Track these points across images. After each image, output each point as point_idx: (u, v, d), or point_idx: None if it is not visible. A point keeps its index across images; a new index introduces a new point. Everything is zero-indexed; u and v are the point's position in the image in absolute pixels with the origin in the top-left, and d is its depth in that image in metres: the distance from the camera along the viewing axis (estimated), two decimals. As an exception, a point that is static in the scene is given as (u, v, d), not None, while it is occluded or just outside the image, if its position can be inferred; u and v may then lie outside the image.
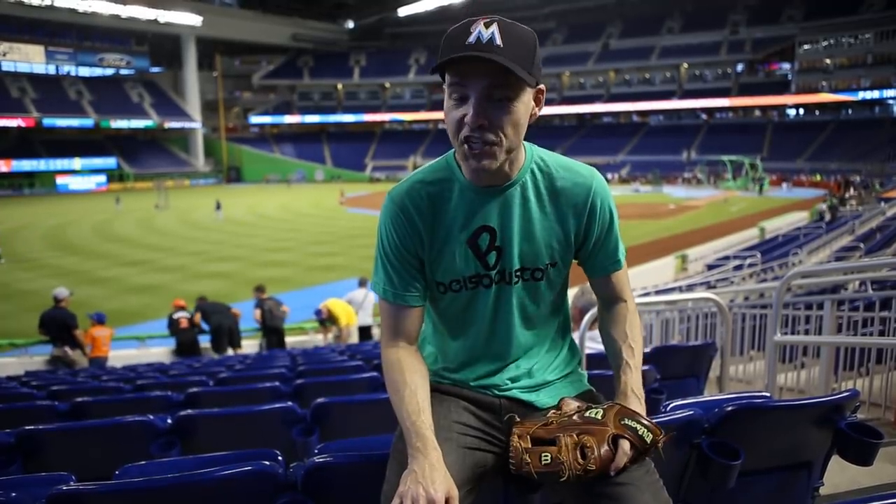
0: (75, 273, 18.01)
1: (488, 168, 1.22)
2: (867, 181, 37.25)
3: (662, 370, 2.83)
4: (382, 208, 1.34)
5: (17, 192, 50.65)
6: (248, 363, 6.22)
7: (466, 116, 1.19)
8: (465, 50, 1.15)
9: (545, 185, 1.34)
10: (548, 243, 1.35)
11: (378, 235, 1.34)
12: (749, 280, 11.85)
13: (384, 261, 1.34)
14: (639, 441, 1.17)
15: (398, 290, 1.33)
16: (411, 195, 1.32)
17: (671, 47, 62.49)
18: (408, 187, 1.33)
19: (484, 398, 1.39)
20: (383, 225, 1.33)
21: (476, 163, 1.21)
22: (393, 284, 1.34)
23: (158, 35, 61.94)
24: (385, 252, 1.33)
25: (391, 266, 1.33)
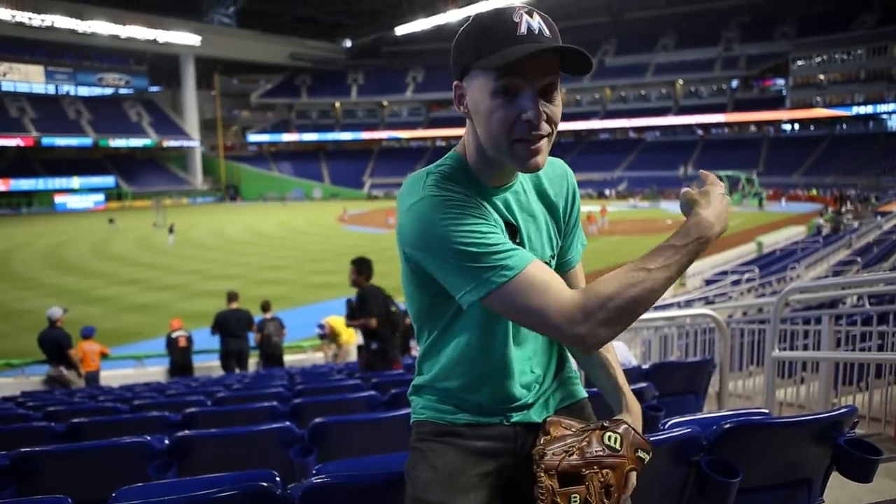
0: (73, 292, 17.97)
1: (541, 165, 1.14)
2: (863, 195, 37.44)
3: (661, 387, 2.83)
4: (419, 210, 1.12)
5: (15, 212, 50.69)
6: (246, 382, 6.19)
7: (524, 114, 1.08)
8: (526, 41, 1.07)
9: (531, 178, 1.31)
10: (548, 235, 1.32)
11: (443, 238, 1.09)
12: (747, 295, 11.86)
13: (471, 247, 1.08)
14: (641, 468, 1.17)
15: (511, 254, 1.09)
16: (445, 191, 1.14)
17: (666, 64, 63.07)
18: (435, 179, 1.17)
19: (498, 431, 1.31)
20: (442, 215, 1.10)
21: (533, 161, 1.12)
22: (498, 257, 1.09)
23: (157, 55, 62.41)
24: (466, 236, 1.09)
25: (481, 244, 1.09)
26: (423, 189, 1.14)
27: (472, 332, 1.26)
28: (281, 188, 63.30)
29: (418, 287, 1.25)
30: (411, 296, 1.29)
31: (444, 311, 1.26)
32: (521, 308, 1.08)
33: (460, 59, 1.14)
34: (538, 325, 1.11)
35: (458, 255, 1.09)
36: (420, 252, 1.14)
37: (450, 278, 1.12)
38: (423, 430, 1.34)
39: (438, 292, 1.19)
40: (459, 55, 1.14)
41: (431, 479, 1.25)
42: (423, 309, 1.30)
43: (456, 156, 1.24)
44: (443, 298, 1.20)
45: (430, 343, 1.33)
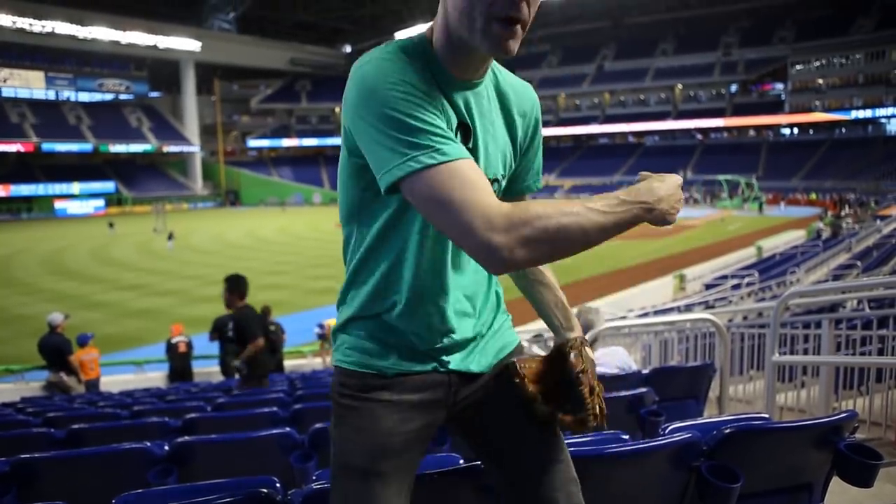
0: (73, 297, 17.96)
1: (514, 51, 1.03)
2: (862, 199, 37.47)
3: (661, 391, 2.83)
4: (366, 71, 1.02)
5: (15, 217, 50.71)
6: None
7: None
8: None
9: (494, 84, 1.20)
10: (503, 152, 1.20)
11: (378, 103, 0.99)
12: (748, 299, 11.86)
13: (409, 119, 0.98)
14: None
15: (448, 143, 0.98)
16: (397, 62, 1.03)
17: (665, 69, 63.22)
18: (393, 48, 1.07)
19: (431, 379, 1.21)
20: (385, 80, 1.00)
21: (508, 44, 1.01)
22: (436, 140, 0.97)
23: (158, 60, 62.57)
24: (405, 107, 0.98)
25: (421, 120, 0.98)
26: (376, 53, 1.06)
27: (409, 242, 1.13)
28: (281, 193, 63.36)
29: (352, 175, 1.12)
30: (344, 187, 1.16)
31: (376, 212, 1.13)
32: (440, 198, 0.94)
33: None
34: (452, 223, 0.94)
35: (392, 123, 0.97)
36: (355, 119, 1.02)
37: (377, 152, 1.00)
38: (347, 382, 1.20)
39: (371, 184, 1.07)
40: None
41: (357, 442, 1.17)
42: (353, 205, 1.16)
43: (421, 36, 1.11)
44: (375, 194, 1.08)
45: (358, 259, 1.18)
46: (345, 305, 1.24)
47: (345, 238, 1.22)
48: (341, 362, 1.22)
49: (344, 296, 1.24)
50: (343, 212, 1.20)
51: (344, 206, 1.19)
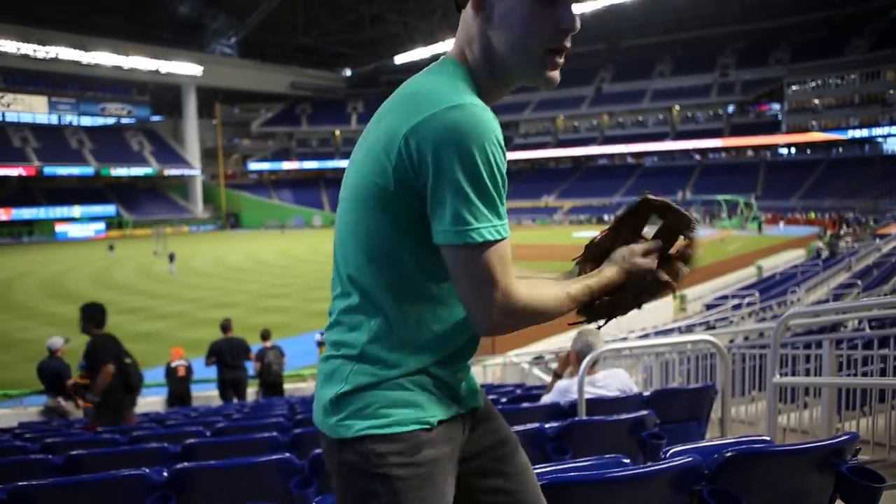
0: (73, 321, 17.78)
1: (557, 83, 1.11)
2: (861, 218, 37.56)
3: (663, 414, 2.81)
4: (469, 121, 0.96)
5: (16, 241, 50.80)
6: (246, 412, 6.15)
7: (562, 24, 1.05)
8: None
9: None
10: None
11: (473, 162, 0.95)
12: (748, 319, 11.83)
13: (492, 189, 0.97)
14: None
15: (505, 219, 1.02)
16: (487, 111, 1.01)
17: (663, 90, 63.80)
18: (465, 88, 1.05)
19: (456, 425, 1.16)
20: (487, 141, 0.96)
21: (556, 74, 1.09)
22: (501, 215, 1.00)
23: (159, 85, 63.22)
24: (495, 172, 0.97)
25: (499, 191, 0.99)
26: (461, 95, 1.00)
27: (445, 276, 1.07)
28: (281, 216, 63.55)
29: (390, 206, 1.03)
30: (371, 218, 1.05)
31: (412, 247, 1.06)
32: (479, 275, 0.99)
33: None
34: (478, 298, 1.00)
35: (476, 186, 0.96)
36: (435, 164, 0.96)
37: (450, 206, 0.96)
38: (393, 449, 1.05)
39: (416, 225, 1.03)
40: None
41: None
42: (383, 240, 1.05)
43: (459, 66, 1.10)
44: (414, 233, 1.04)
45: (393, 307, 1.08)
46: (370, 362, 1.08)
47: (359, 280, 1.09)
48: (379, 427, 1.06)
49: (372, 345, 1.09)
50: (366, 249, 1.07)
51: (362, 242, 1.07)
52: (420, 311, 1.08)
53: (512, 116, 69.83)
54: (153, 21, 62.42)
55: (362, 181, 1.05)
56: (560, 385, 3.53)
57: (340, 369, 1.10)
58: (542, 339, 13.54)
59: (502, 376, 11.15)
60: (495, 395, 4.85)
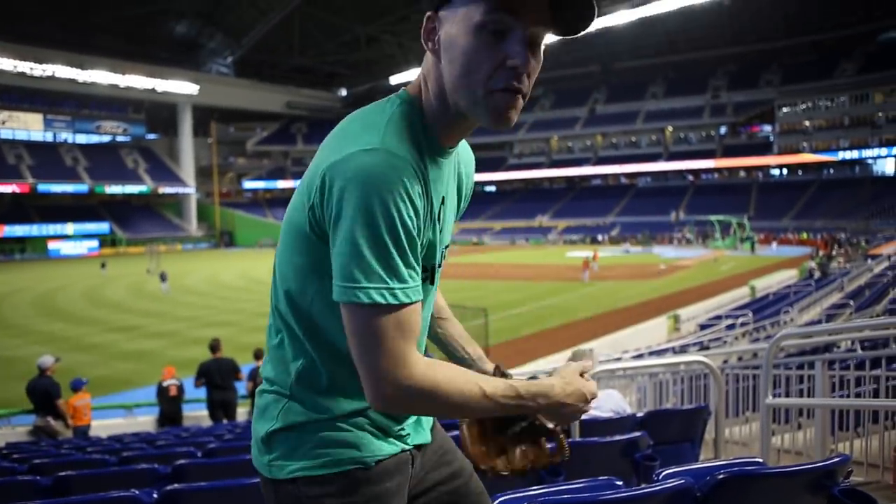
0: (64, 339, 17.77)
1: (512, 124, 1.00)
2: (853, 238, 37.83)
3: (656, 435, 2.81)
4: (378, 169, 0.89)
5: (8, 258, 50.52)
6: (238, 432, 6.10)
7: (509, 59, 0.93)
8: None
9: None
10: (454, 215, 1.16)
11: (371, 213, 0.88)
12: (742, 339, 11.85)
13: (391, 245, 0.90)
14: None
15: (409, 283, 0.92)
16: (405, 147, 0.95)
17: (656, 111, 64.50)
18: (397, 128, 0.97)
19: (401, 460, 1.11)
20: (393, 192, 0.89)
21: (508, 116, 0.97)
22: (401, 277, 0.91)
23: (155, 103, 63.45)
24: (398, 228, 0.90)
25: (401, 250, 0.91)
26: (384, 137, 0.93)
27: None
28: (276, 234, 62.51)
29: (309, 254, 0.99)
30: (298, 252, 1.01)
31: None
32: (372, 336, 0.91)
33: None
34: (361, 363, 0.93)
35: (371, 241, 0.89)
36: (338, 210, 0.90)
37: (342, 257, 0.90)
38: (325, 491, 1.02)
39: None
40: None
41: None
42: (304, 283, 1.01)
43: (411, 100, 1.03)
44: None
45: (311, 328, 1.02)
46: (300, 402, 1.04)
47: (285, 317, 1.04)
48: (311, 469, 1.02)
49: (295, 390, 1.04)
50: (289, 287, 1.03)
51: (288, 282, 1.03)
52: (348, 359, 0.98)
53: (506, 137, 70.32)
54: (150, 40, 62.88)
55: (289, 214, 1.02)
56: (554, 406, 3.53)
57: (272, 406, 1.06)
58: (535, 360, 13.52)
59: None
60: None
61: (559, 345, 13.86)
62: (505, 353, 14.07)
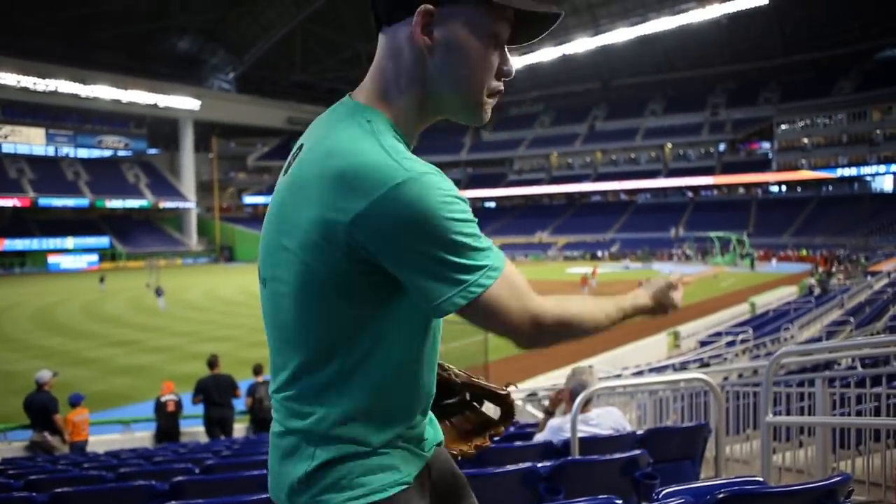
0: (62, 354, 17.71)
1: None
2: (853, 255, 37.85)
3: (656, 453, 2.80)
4: (423, 194, 0.88)
5: (7, 272, 50.47)
6: (236, 449, 6.06)
7: (505, 67, 1.01)
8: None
9: None
10: None
11: (437, 224, 0.89)
12: (742, 356, 11.82)
13: (467, 239, 0.92)
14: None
15: (493, 249, 0.97)
16: (411, 157, 0.96)
17: (655, 128, 64.85)
18: (393, 144, 0.95)
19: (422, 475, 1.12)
20: (445, 201, 0.90)
21: (487, 120, 1.04)
22: (488, 252, 0.95)
23: (157, 118, 63.80)
24: (465, 223, 0.92)
25: (474, 235, 0.93)
26: (400, 162, 0.90)
27: (416, 340, 1.04)
28: (275, 249, 63.48)
29: (351, 295, 0.96)
30: (323, 308, 0.96)
31: (379, 322, 0.99)
32: (498, 311, 0.94)
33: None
34: (506, 329, 0.97)
35: (455, 249, 0.90)
36: (398, 245, 0.90)
37: (427, 281, 0.91)
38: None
39: (383, 301, 0.97)
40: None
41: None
42: (346, 324, 0.97)
43: (376, 113, 1.00)
44: (380, 308, 0.97)
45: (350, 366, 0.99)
46: (338, 439, 1.01)
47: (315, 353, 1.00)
48: (357, 498, 1.00)
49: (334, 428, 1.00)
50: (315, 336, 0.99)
51: (322, 327, 0.98)
52: (387, 383, 1.01)
53: (506, 153, 70.65)
54: (153, 56, 63.38)
55: (303, 267, 0.95)
56: (553, 423, 3.52)
57: (304, 446, 1.02)
58: (535, 376, 13.46)
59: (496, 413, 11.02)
60: (488, 433, 4.79)
61: (559, 361, 13.81)
62: (504, 370, 14.01)
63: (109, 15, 54.77)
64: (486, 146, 72.38)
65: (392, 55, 1.00)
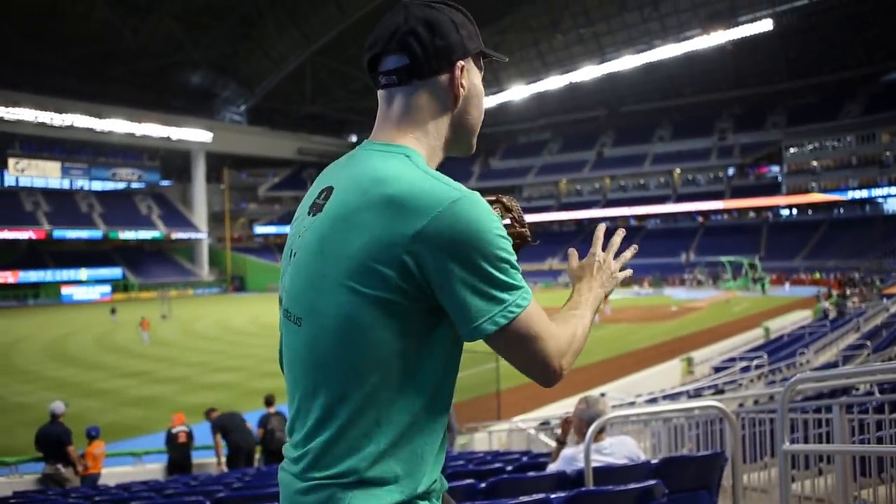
0: (73, 385, 17.76)
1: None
2: (867, 278, 37.45)
3: (672, 483, 2.76)
4: (476, 211, 0.94)
5: (21, 303, 50.90)
6: (247, 480, 6.02)
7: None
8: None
9: None
10: None
11: (494, 244, 0.94)
12: (757, 382, 11.66)
13: (506, 264, 0.96)
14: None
15: (524, 280, 1.02)
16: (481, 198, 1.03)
17: (663, 154, 65.00)
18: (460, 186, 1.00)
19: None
20: (495, 222, 0.96)
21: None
22: (521, 279, 1.00)
23: (170, 150, 64.75)
24: (507, 247, 0.97)
25: (513, 260, 0.99)
26: (450, 185, 0.97)
27: (447, 376, 1.05)
28: (286, 278, 63.68)
29: (396, 322, 0.96)
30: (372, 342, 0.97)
31: (416, 354, 0.99)
32: (531, 336, 0.98)
33: (471, 40, 1.10)
34: (536, 357, 1.00)
35: (500, 267, 0.95)
36: (453, 261, 0.93)
37: (470, 299, 0.94)
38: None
39: (424, 333, 0.99)
40: (469, 36, 1.10)
41: None
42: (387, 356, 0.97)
43: (407, 148, 1.06)
44: (419, 340, 0.99)
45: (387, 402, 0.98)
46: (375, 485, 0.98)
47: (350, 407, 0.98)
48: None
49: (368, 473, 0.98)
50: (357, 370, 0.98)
51: (360, 364, 0.97)
52: (421, 422, 1.00)
53: (516, 181, 70.95)
54: (166, 90, 64.62)
55: (350, 297, 0.96)
56: (566, 453, 3.48)
57: (341, 496, 0.97)
58: (547, 404, 13.34)
59: (508, 443, 10.92)
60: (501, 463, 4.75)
61: (572, 389, 13.68)
62: (516, 399, 13.90)
63: (124, 51, 56.08)
64: (494, 174, 72.75)
65: (428, 103, 1.10)
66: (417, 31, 1.05)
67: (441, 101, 1.10)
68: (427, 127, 1.10)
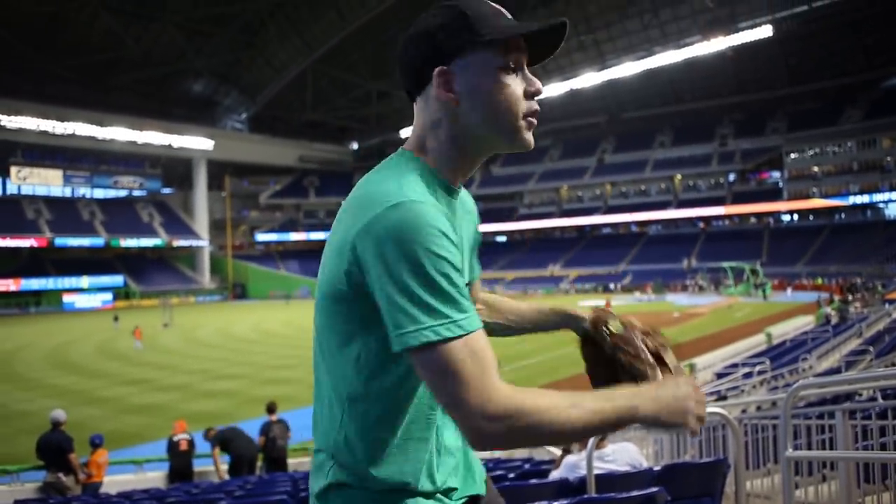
0: (74, 393, 17.73)
1: (533, 145, 1.10)
2: (869, 283, 37.36)
3: (674, 490, 2.75)
4: (408, 219, 0.92)
5: (23, 311, 50.94)
6: (249, 488, 6.01)
7: (530, 87, 1.07)
8: (513, 20, 1.06)
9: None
10: (471, 251, 1.22)
11: (415, 260, 0.91)
12: (760, 388, 11.62)
13: (443, 282, 0.91)
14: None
15: (469, 311, 0.94)
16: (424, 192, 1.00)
17: (664, 160, 65.08)
18: (414, 182, 1.01)
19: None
20: (429, 235, 0.92)
21: (532, 139, 1.09)
22: (461, 308, 0.92)
23: (171, 158, 64.96)
24: (445, 266, 0.92)
25: (453, 283, 0.92)
26: (403, 192, 0.96)
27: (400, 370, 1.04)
28: (288, 286, 63.75)
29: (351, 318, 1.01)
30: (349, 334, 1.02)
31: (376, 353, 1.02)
32: (450, 374, 0.89)
33: (451, 39, 1.03)
34: (452, 398, 0.90)
35: (423, 283, 0.90)
36: (381, 267, 0.92)
37: (394, 310, 0.91)
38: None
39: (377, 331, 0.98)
40: (449, 36, 1.03)
41: None
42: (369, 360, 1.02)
43: (411, 157, 1.09)
44: (374, 337, 1.00)
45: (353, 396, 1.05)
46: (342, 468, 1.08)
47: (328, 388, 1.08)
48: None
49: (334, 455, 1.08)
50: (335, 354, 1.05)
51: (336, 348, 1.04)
52: (384, 417, 1.05)
53: (516, 188, 71.06)
54: (168, 98, 64.92)
55: (322, 289, 1.04)
56: (568, 460, 3.47)
57: (325, 464, 1.09)
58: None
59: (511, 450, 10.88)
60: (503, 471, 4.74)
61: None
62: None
63: (127, 60, 56.39)
64: (495, 181, 72.86)
65: (425, 113, 1.10)
66: (403, 48, 1.08)
67: (431, 110, 1.08)
68: (429, 134, 1.10)
